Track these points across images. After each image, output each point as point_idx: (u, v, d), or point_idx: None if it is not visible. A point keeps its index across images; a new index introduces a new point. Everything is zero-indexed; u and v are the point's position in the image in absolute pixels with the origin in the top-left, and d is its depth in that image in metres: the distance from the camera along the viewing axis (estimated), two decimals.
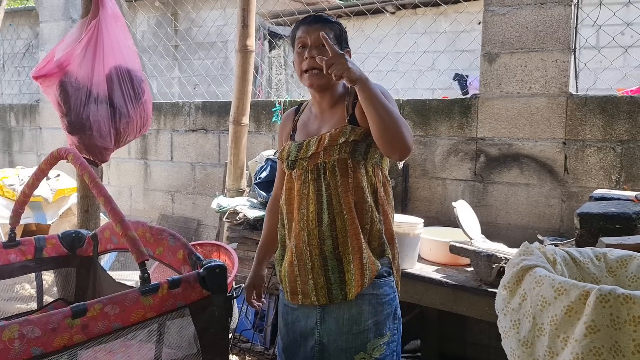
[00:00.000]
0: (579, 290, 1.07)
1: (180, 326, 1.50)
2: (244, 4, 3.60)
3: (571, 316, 1.07)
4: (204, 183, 4.51)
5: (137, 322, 1.36)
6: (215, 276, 1.52)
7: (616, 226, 1.80)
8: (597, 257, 1.37)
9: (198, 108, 4.50)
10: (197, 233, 4.54)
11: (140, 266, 1.42)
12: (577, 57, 3.19)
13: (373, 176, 1.70)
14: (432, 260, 2.80)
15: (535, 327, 1.14)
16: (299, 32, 1.74)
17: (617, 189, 2.82)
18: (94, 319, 1.26)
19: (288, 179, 1.78)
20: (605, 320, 1.02)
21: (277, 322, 3.24)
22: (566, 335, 1.07)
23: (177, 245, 1.74)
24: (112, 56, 2.57)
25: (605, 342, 1.02)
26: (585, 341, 1.02)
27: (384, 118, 1.53)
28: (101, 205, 1.63)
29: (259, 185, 3.30)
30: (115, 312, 1.30)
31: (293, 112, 1.95)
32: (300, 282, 1.71)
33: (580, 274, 1.35)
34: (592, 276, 1.34)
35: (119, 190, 5.01)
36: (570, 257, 1.36)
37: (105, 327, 1.29)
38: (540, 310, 1.13)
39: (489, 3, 3.14)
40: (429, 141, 3.36)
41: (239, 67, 3.65)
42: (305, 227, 1.69)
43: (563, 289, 1.10)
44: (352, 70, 1.48)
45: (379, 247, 1.69)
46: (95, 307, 1.27)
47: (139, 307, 1.35)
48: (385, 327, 1.67)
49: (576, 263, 1.36)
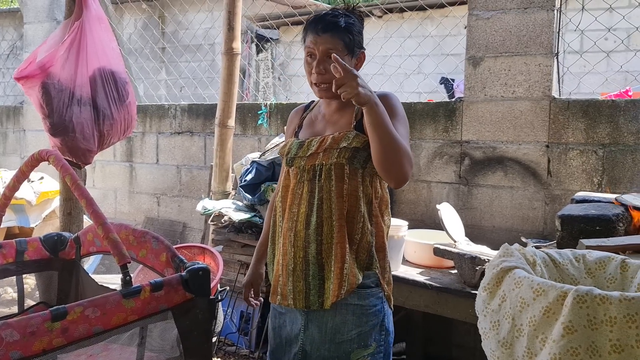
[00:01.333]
0: (557, 291, 1.08)
1: (163, 329, 1.49)
2: (230, 6, 3.60)
3: (549, 317, 1.08)
4: (190, 186, 4.49)
5: (118, 326, 1.35)
6: (199, 279, 1.52)
7: (596, 228, 1.83)
8: (576, 259, 1.39)
9: (184, 110, 4.49)
10: (183, 236, 4.52)
11: (122, 269, 1.41)
12: (560, 62, 3.23)
13: (369, 186, 1.66)
14: (416, 262, 2.81)
15: (514, 328, 1.15)
16: (307, 40, 1.67)
17: (599, 191, 2.86)
18: (75, 323, 1.25)
19: (286, 176, 1.76)
20: (583, 321, 1.04)
21: (262, 326, 3.24)
22: (544, 335, 1.08)
23: (160, 248, 1.73)
24: (96, 58, 2.55)
25: (582, 343, 1.03)
26: (563, 341, 1.03)
27: (385, 147, 1.49)
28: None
29: (245, 188, 3.30)
30: (96, 315, 1.29)
31: (302, 109, 1.92)
32: (281, 282, 1.71)
33: (559, 275, 1.36)
34: (572, 277, 1.36)
35: (104, 193, 4.98)
36: (550, 258, 1.37)
37: (86, 331, 1.28)
38: (519, 311, 1.14)
39: (473, 7, 3.17)
40: (414, 144, 3.38)
41: (225, 70, 3.65)
42: (293, 227, 1.67)
43: (541, 290, 1.11)
44: (361, 94, 1.42)
45: (367, 260, 1.65)
46: (75, 311, 1.26)
47: (120, 310, 1.34)
48: (370, 339, 1.63)
49: (556, 264, 1.37)
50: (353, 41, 1.67)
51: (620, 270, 1.33)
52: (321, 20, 1.66)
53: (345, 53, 1.64)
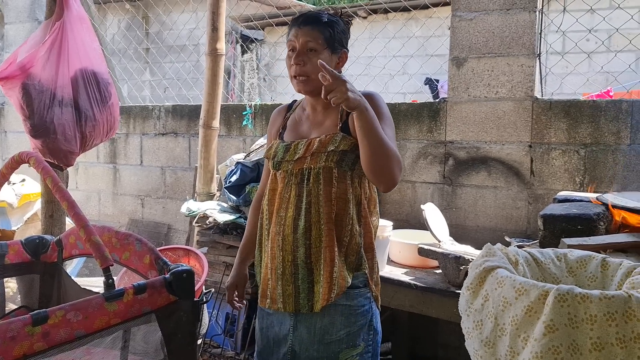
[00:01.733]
0: (538, 290, 1.09)
1: (146, 332, 1.48)
2: (214, 7, 3.58)
3: (531, 316, 1.09)
4: (174, 187, 4.46)
5: (101, 329, 1.33)
6: (183, 281, 1.51)
7: (578, 227, 1.85)
8: (557, 258, 1.40)
9: (168, 111, 4.46)
10: (168, 238, 4.49)
11: (104, 272, 1.39)
12: (542, 62, 3.26)
13: (358, 187, 1.66)
14: (401, 262, 2.82)
15: (497, 327, 1.16)
16: (290, 34, 1.68)
17: (581, 190, 2.89)
18: (56, 327, 1.24)
19: (272, 179, 1.74)
20: (564, 319, 1.05)
21: (248, 327, 3.23)
22: (526, 334, 1.09)
23: (143, 250, 1.72)
24: (78, 58, 2.53)
25: (563, 341, 1.04)
26: (545, 340, 1.04)
27: (375, 151, 1.49)
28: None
29: (229, 189, 3.29)
30: (78, 319, 1.28)
31: (285, 109, 1.90)
32: (271, 286, 1.70)
33: (541, 274, 1.37)
34: (553, 276, 1.37)
35: (87, 195, 4.93)
36: (532, 258, 1.39)
37: (67, 335, 1.26)
38: (501, 311, 1.15)
39: (456, 8, 3.19)
40: (399, 145, 3.39)
41: (209, 71, 3.63)
42: (281, 232, 1.66)
43: (523, 289, 1.12)
44: (350, 99, 1.42)
45: (356, 261, 1.65)
46: (57, 314, 1.24)
47: (103, 314, 1.33)
48: (359, 338, 1.63)
49: (538, 264, 1.38)
50: (333, 36, 1.66)
51: (600, 269, 1.34)
52: (303, 15, 1.69)
53: (325, 47, 1.64)
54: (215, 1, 3.58)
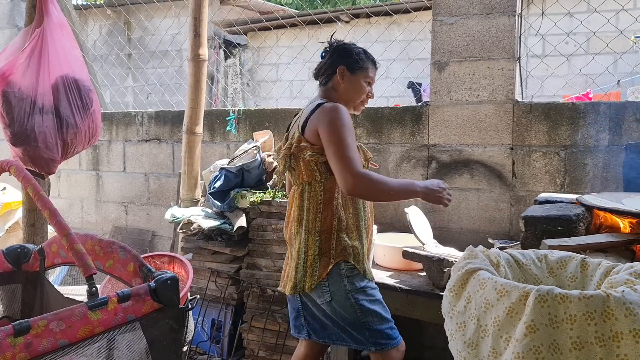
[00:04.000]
0: (519, 291, 1.11)
1: (131, 340, 1.47)
2: (195, 12, 3.58)
3: (512, 317, 1.10)
4: (158, 193, 4.44)
5: (84, 338, 1.33)
6: (167, 288, 1.51)
7: (558, 228, 1.88)
8: (538, 259, 1.42)
9: (151, 117, 4.44)
10: (152, 244, 4.46)
11: (87, 280, 1.39)
12: (522, 66, 3.31)
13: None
14: (386, 265, 2.84)
15: (479, 329, 1.18)
16: (370, 72, 2.19)
17: (561, 192, 2.94)
18: (38, 337, 1.23)
19: None
20: (544, 320, 1.07)
21: (234, 333, 3.22)
22: (508, 335, 1.11)
23: (127, 258, 1.71)
24: (58, 65, 2.51)
25: (544, 341, 1.06)
26: (526, 340, 1.06)
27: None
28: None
29: (214, 195, 3.28)
30: (61, 328, 1.27)
31: None
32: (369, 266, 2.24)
33: (523, 275, 1.39)
34: (534, 277, 1.39)
35: (70, 202, 4.88)
36: (514, 259, 1.41)
37: (50, 345, 1.25)
38: (484, 312, 1.17)
39: (437, 13, 3.22)
40: (382, 148, 3.41)
41: (192, 77, 3.63)
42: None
43: (505, 291, 1.13)
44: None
45: None
46: (39, 324, 1.23)
47: (86, 323, 1.32)
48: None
49: (519, 265, 1.40)
50: None
51: (580, 269, 1.37)
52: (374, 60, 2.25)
53: None
54: (197, 7, 3.58)
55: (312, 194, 2.10)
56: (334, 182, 2.05)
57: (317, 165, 2.07)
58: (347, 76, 2.14)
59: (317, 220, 2.08)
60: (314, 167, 2.07)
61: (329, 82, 2.18)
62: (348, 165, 1.94)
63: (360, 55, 2.17)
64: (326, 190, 2.08)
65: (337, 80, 2.15)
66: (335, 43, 2.23)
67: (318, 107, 2.05)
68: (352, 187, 1.93)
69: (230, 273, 3.24)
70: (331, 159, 1.98)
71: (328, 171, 2.06)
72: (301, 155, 2.07)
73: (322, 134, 2.00)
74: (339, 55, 2.17)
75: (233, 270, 3.24)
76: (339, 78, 2.14)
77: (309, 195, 2.10)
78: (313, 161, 2.06)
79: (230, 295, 3.26)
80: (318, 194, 2.09)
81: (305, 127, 2.06)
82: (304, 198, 2.11)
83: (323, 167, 2.07)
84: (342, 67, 2.14)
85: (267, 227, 3.11)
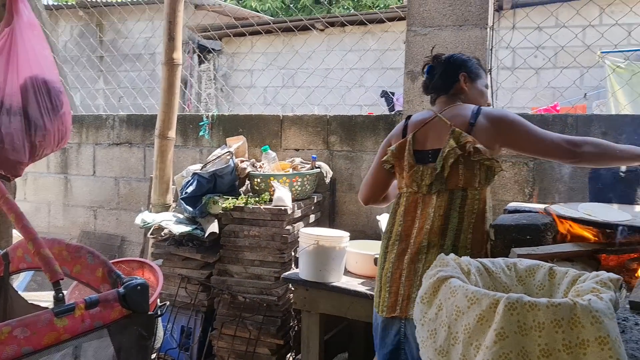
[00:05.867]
0: (489, 299, 1.12)
1: (98, 347, 1.44)
2: (170, 16, 3.55)
3: (482, 324, 1.12)
4: (129, 198, 4.37)
5: (50, 345, 1.29)
6: (136, 294, 1.48)
7: (527, 237, 1.91)
8: (508, 267, 1.44)
9: (123, 121, 4.38)
10: (121, 250, 4.39)
11: (54, 286, 1.35)
12: (493, 77, 3.37)
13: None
14: (358, 273, 2.85)
15: (450, 336, 1.19)
16: (485, 78, 2.15)
17: (530, 201, 2.99)
18: (2, 344, 1.19)
19: None
20: (513, 327, 1.08)
21: (203, 340, 3.19)
22: (478, 342, 1.12)
23: (95, 263, 1.68)
24: (28, 66, 2.46)
25: (513, 348, 1.07)
26: (495, 348, 1.07)
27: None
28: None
29: (186, 200, 3.24)
30: (26, 335, 1.24)
31: None
32: None
33: (493, 283, 1.41)
34: (504, 285, 1.41)
35: (36, 206, 4.77)
36: (484, 267, 1.43)
37: (14, 352, 1.22)
38: (454, 320, 1.18)
39: (411, 23, 3.26)
40: (356, 156, 3.43)
41: (165, 81, 3.59)
42: None
43: (475, 298, 1.15)
44: None
45: None
46: (2, 331, 1.20)
47: (52, 330, 1.29)
48: None
49: (489, 273, 1.42)
50: None
51: (548, 277, 1.39)
52: None
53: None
54: (172, 10, 3.55)
55: (467, 202, 1.91)
56: (486, 193, 1.95)
57: (481, 169, 1.91)
58: (469, 83, 2.08)
59: (469, 232, 1.89)
60: (476, 172, 1.91)
61: (451, 89, 2.08)
62: (553, 138, 1.89)
63: (476, 63, 2.13)
64: (481, 199, 1.93)
65: (461, 88, 2.07)
66: (445, 56, 2.14)
67: (479, 111, 1.95)
68: (580, 151, 1.84)
69: (201, 279, 3.21)
70: (536, 147, 1.93)
71: (486, 179, 1.93)
72: (472, 157, 1.89)
73: (513, 134, 1.94)
74: (456, 65, 2.10)
75: (204, 277, 3.21)
76: (463, 84, 2.06)
77: (461, 203, 1.91)
78: (480, 164, 1.90)
79: (200, 302, 3.22)
80: (473, 202, 1.91)
81: (472, 130, 1.92)
82: (454, 206, 1.91)
83: (484, 173, 1.92)
84: (464, 74, 2.07)
85: (239, 233, 3.09)
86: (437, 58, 2.15)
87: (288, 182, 3.16)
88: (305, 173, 3.25)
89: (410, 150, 2.03)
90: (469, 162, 1.89)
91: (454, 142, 1.91)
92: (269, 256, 3.05)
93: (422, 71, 2.19)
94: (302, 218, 3.26)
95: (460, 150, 1.89)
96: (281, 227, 3.01)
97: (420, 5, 3.22)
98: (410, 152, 2.03)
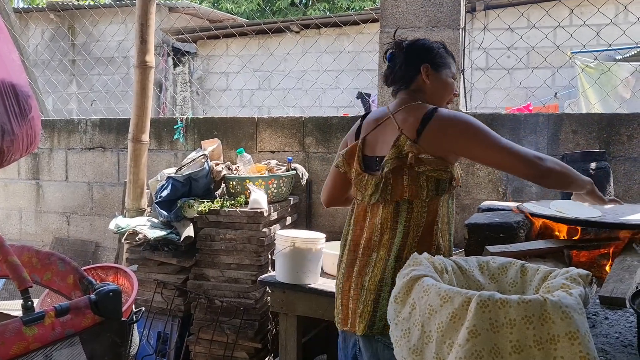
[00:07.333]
0: (462, 297, 1.13)
1: (69, 356, 1.42)
2: (142, 19, 3.52)
3: (455, 322, 1.13)
4: (103, 203, 4.31)
5: (19, 355, 1.27)
6: (109, 300, 1.46)
7: (500, 235, 1.93)
8: (481, 265, 1.46)
9: (95, 125, 4.31)
10: (96, 256, 4.32)
11: (22, 294, 1.33)
12: (466, 78, 3.41)
13: None
14: (334, 274, 2.83)
15: (423, 335, 1.19)
16: (453, 67, 1.94)
17: (503, 200, 3.03)
18: None
19: None
20: (485, 324, 1.09)
21: (180, 346, 3.15)
22: (451, 340, 1.13)
23: (67, 270, 1.65)
24: None
25: (485, 345, 1.08)
26: (468, 345, 1.08)
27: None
28: None
29: (160, 205, 3.21)
30: None
31: None
32: None
33: (466, 281, 1.43)
34: (477, 283, 1.43)
35: (7, 213, 4.67)
36: (457, 265, 1.44)
37: None
38: (428, 318, 1.19)
39: (384, 25, 3.28)
40: (331, 157, 3.43)
41: (138, 84, 3.56)
42: None
43: (448, 297, 1.16)
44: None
45: None
46: None
47: (21, 339, 1.27)
48: None
49: (463, 271, 1.44)
50: None
51: (520, 275, 1.41)
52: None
53: None
54: (143, 13, 3.52)
55: (413, 215, 1.76)
56: (438, 204, 1.77)
57: (428, 181, 1.74)
58: (432, 75, 1.86)
59: (413, 247, 1.73)
60: (423, 184, 1.74)
61: (411, 84, 1.89)
62: (517, 150, 1.73)
63: (441, 51, 1.91)
64: (430, 211, 1.76)
65: (422, 81, 1.87)
66: (406, 42, 1.93)
67: (431, 115, 1.76)
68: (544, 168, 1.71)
69: (177, 284, 3.17)
70: (493, 157, 1.76)
71: (435, 190, 1.75)
72: (416, 168, 1.73)
73: (463, 142, 1.75)
74: (418, 54, 1.89)
75: (180, 281, 3.18)
76: (424, 78, 1.86)
77: (407, 216, 1.76)
78: (426, 176, 1.74)
79: (177, 307, 3.19)
80: (420, 215, 1.75)
81: (420, 138, 1.74)
82: (400, 219, 1.77)
83: (433, 185, 1.75)
84: (425, 66, 1.86)
85: (215, 237, 3.07)
86: (399, 45, 1.93)
87: (264, 184, 3.15)
88: (281, 175, 3.24)
89: (360, 156, 1.90)
90: (413, 172, 1.74)
91: (395, 151, 1.76)
92: (246, 259, 3.04)
93: (384, 58, 2.00)
94: (278, 220, 3.25)
95: (400, 161, 1.74)
96: (257, 229, 3.00)
97: (393, 7, 3.24)
98: (360, 157, 1.90)
